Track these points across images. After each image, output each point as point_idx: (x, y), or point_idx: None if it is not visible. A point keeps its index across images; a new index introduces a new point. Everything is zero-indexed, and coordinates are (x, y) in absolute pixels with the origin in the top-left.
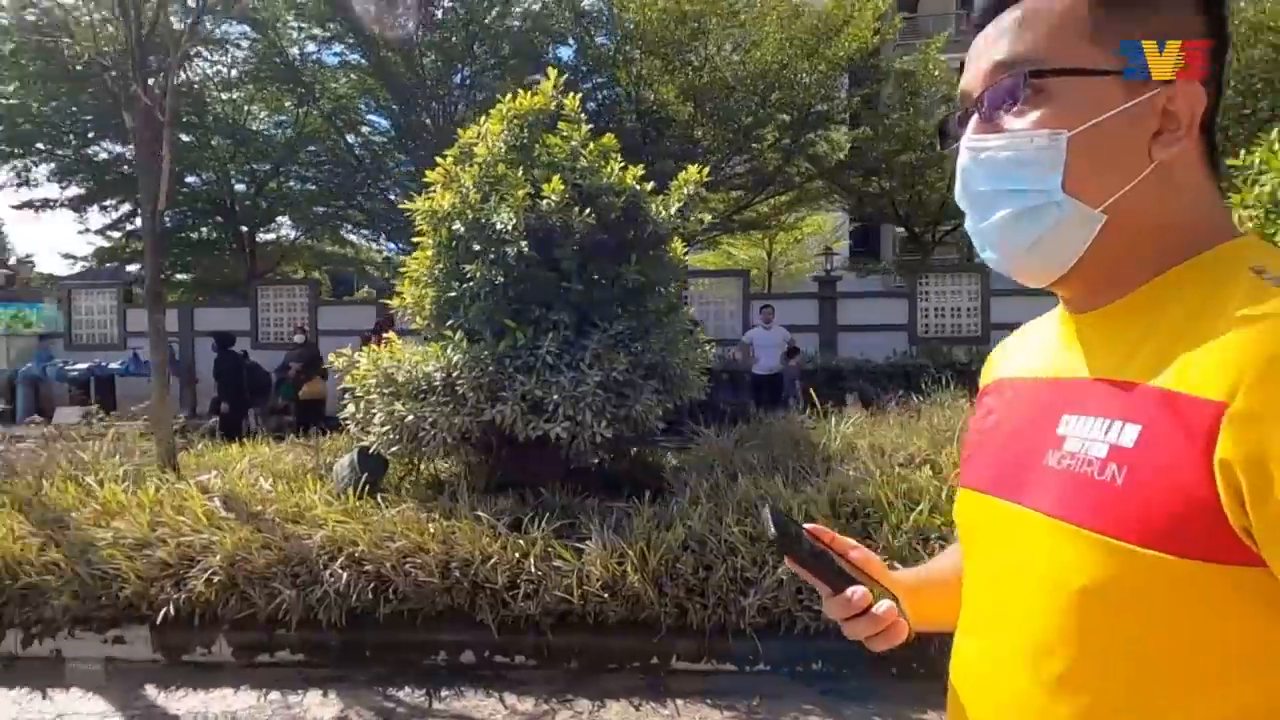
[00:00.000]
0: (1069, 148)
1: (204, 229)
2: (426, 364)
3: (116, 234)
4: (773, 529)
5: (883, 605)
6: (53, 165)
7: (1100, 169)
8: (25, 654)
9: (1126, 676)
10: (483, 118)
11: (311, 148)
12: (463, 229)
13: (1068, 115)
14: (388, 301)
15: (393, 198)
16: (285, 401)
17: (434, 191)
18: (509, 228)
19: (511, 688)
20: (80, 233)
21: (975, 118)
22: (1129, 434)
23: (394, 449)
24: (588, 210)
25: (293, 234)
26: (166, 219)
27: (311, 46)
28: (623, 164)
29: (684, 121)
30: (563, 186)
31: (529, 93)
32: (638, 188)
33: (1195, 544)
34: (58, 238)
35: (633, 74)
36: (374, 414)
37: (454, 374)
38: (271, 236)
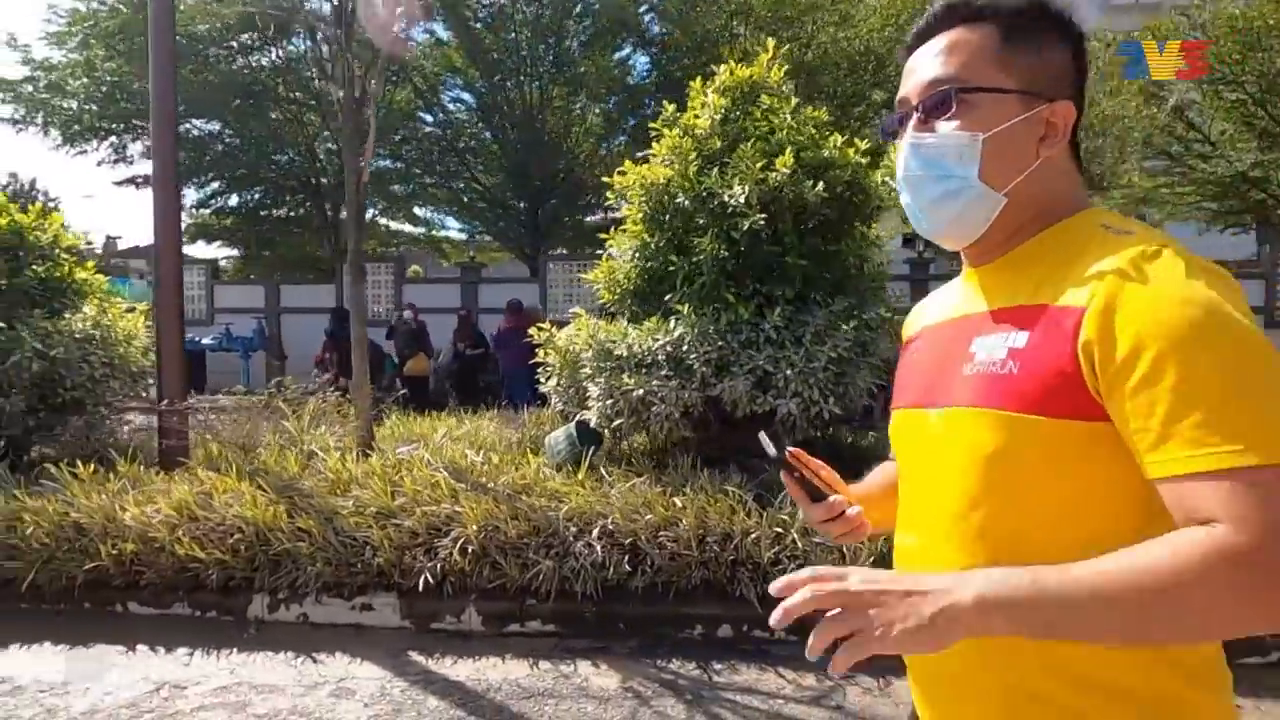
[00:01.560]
0: (983, 146)
1: (287, 208)
2: (646, 339)
3: (205, 211)
4: (773, 450)
5: (853, 510)
6: (147, 142)
7: (1004, 163)
8: (270, 618)
9: (1020, 519)
10: (698, 88)
11: (397, 125)
12: (686, 202)
13: (983, 122)
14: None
15: (480, 176)
16: (390, 376)
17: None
18: (741, 201)
19: (782, 663)
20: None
21: (914, 119)
22: (1020, 338)
23: (616, 423)
24: (818, 184)
25: (370, 212)
26: (257, 194)
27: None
28: (846, 138)
29: None
30: (793, 160)
31: (737, 64)
32: (862, 162)
33: (1066, 407)
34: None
35: (737, 51)
36: (586, 388)
37: (684, 348)
38: None
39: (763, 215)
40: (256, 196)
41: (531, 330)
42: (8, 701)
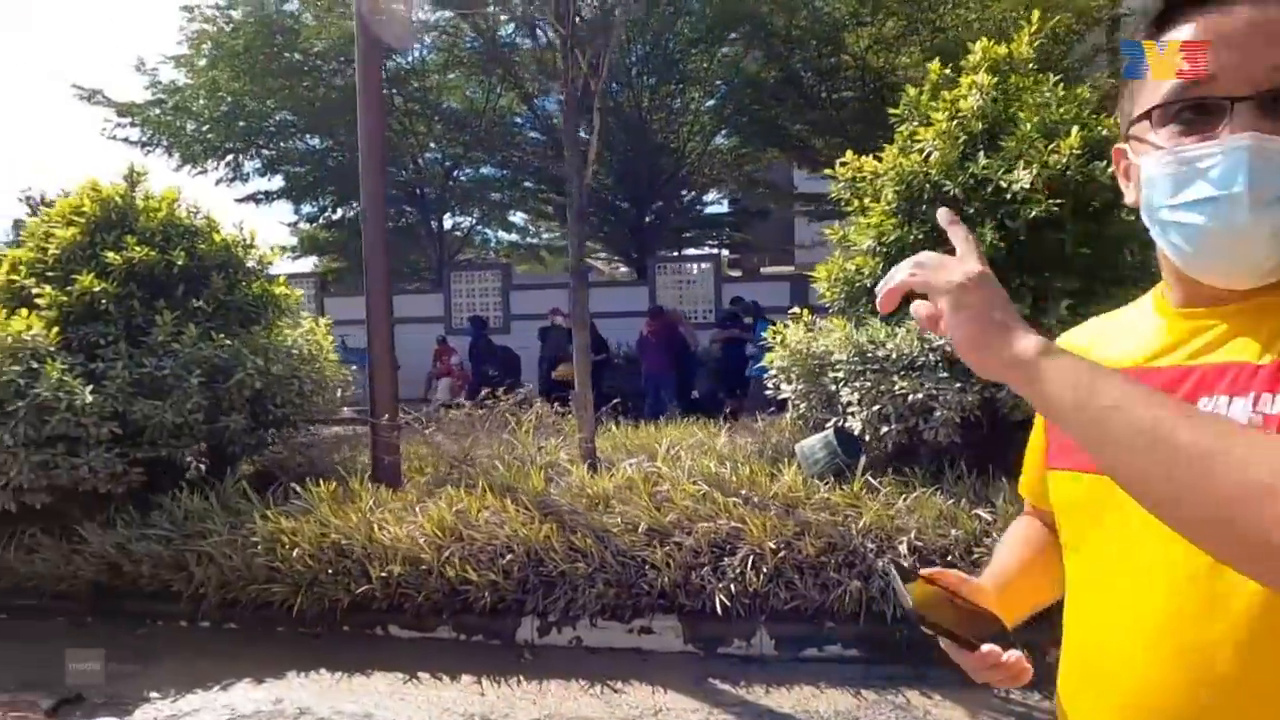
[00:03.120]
0: None
1: (392, 219)
2: (913, 339)
3: (309, 225)
4: (909, 601)
5: (1012, 655)
6: (258, 161)
7: None
8: (540, 642)
9: (1253, 637)
10: (937, 70)
11: (507, 133)
12: (957, 191)
13: None
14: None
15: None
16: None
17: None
18: (1025, 187)
19: None
20: (290, 224)
21: (1250, 113)
22: None
23: (885, 429)
24: (1109, 165)
25: (467, 221)
26: (353, 209)
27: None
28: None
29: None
30: (1078, 141)
31: (991, 41)
32: None
33: None
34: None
35: (864, 37)
36: (836, 392)
37: None
38: (452, 223)
39: (1057, 201)
40: (356, 211)
41: (766, 333)
42: None
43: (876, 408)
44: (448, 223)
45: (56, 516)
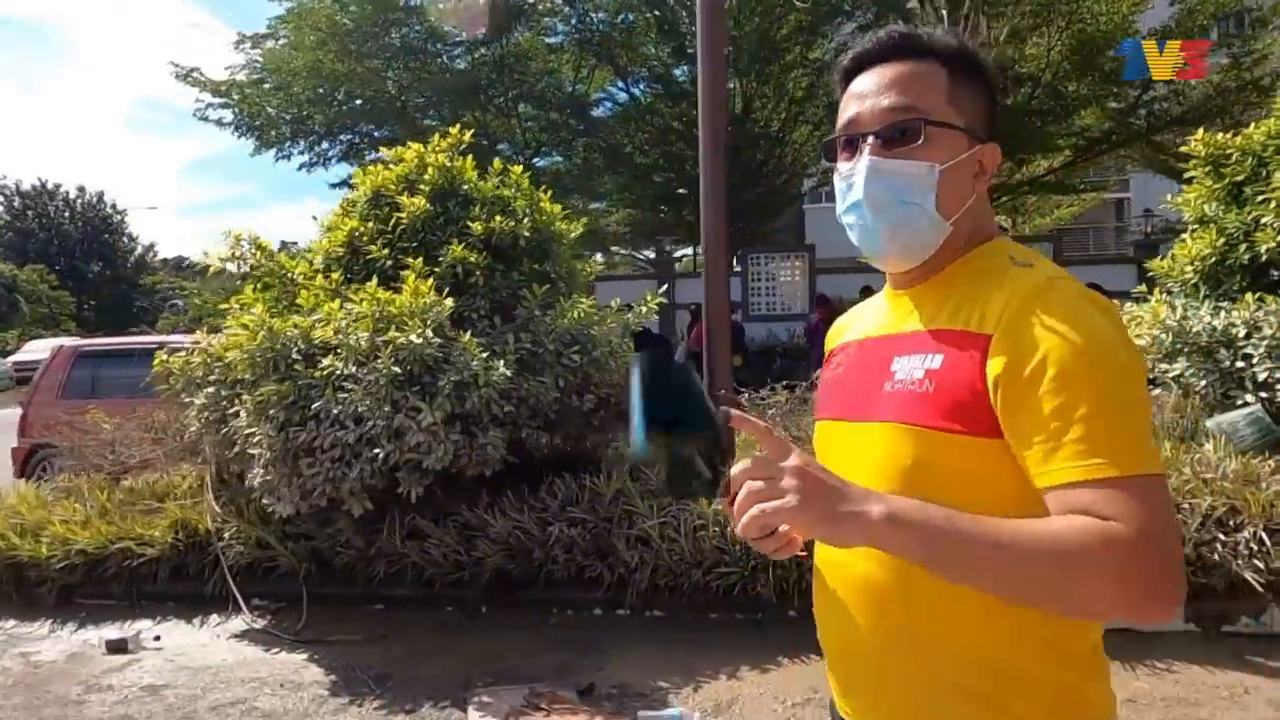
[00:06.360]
0: (939, 178)
1: None
2: None
3: None
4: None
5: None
6: (341, 146)
7: (952, 194)
8: None
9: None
10: None
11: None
12: None
13: (940, 154)
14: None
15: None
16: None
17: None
18: None
19: None
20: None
21: (870, 143)
22: (936, 360)
23: None
24: None
25: None
26: None
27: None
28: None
29: (1050, 80)
30: None
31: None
32: None
33: (975, 425)
34: None
35: (998, 29)
36: (1255, 370)
37: None
38: None
39: None
40: None
41: (1135, 310)
42: None
43: None
44: None
45: (412, 504)
